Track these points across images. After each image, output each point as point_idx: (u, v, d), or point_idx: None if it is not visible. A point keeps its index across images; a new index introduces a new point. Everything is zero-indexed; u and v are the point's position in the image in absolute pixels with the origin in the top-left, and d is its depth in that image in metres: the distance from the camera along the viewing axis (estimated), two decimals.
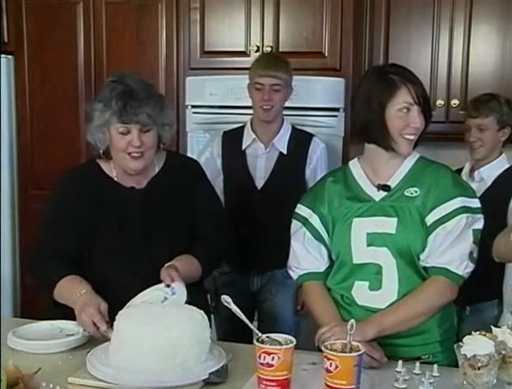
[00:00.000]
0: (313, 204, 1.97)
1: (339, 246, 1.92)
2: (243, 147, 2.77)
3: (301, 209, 2.00)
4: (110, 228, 2.09)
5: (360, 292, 1.88)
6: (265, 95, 2.67)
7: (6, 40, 3.77)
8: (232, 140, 2.82)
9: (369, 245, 1.87)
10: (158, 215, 2.12)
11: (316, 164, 2.74)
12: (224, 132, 2.88)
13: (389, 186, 1.88)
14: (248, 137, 2.77)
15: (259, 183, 2.74)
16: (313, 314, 1.97)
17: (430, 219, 1.83)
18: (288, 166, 2.72)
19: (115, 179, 2.14)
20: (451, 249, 1.82)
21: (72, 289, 1.94)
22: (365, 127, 1.87)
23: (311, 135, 2.80)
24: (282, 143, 2.74)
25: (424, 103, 1.84)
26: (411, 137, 1.84)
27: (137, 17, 3.56)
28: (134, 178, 2.14)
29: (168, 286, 1.92)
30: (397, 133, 1.83)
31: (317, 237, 1.96)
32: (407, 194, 1.86)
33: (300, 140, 2.77)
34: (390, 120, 1.83)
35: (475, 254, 1.85)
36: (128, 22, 3.58)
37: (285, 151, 2.73)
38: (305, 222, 1.98)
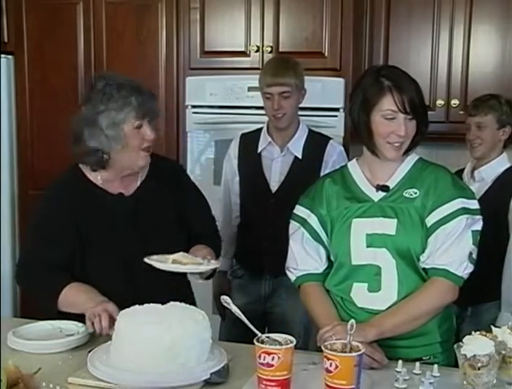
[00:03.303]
0: (312, 205, 1.97)
1: (338, 247, 1.92)
2: (259, 150, 2.74)
3: (300, 210, 2.00)
4: (102, 238, 2.06)
5: (359, 294, 1.88)
6: (275, 104, 2.62)
7: (6, 40, 3.77)
8: (248, 142, 2.79)
9: (368, 246, 1.86)
10: (151, 221, 2.10)
11: (332, 168, 2.67)
12: (242, 134, 2.85)
13: (388, 187, 1.88)
14: (264, 140, 2.75)
15: (274, 186, 2.71)
16: (311, 315, 1.96)
17: (430, 220, 1.83)
18: (302, 170, 2.67)
19: (100, 186, 2.10)
20: (451, 250, 1.82)
21: (80, 294, 1.94)
22: (355, 128, 1.89)
23: (328, 139, 2.75)
24: (297, 147, 2.70)
25: (414, 110, 1.80)
26: (397, 144, 1.83)
27: (137, 17, 3.56)
28: (123, 184, 2.11)
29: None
30: (381, 139, 1.83)
31: (316, 237, 1.96)
32: (407, 195, 1.86)
33: (316, 144, 2.72)
34: (375, 125, 1.83)
35: (474, 255, 1.85)
36: (128, 22, 3.58)
37: (300, 156, 2.69)
38: (303, 223, 1.97)
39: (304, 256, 1.97)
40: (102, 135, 1.99)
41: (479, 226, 1.86)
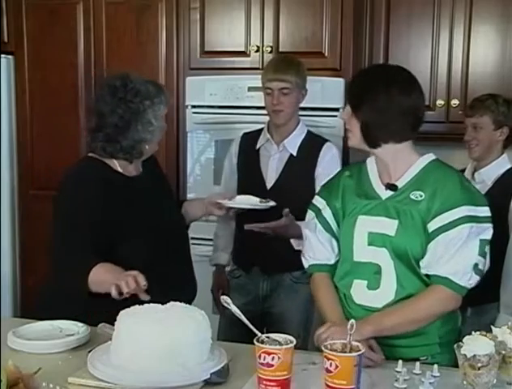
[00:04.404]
0: (328, 197, 2.00)
1: (343, 242, 1.94)
2: (257, 147, 2.78)
3: (317, 200, 2.03)
4: (133, 219, 2.16)
5: (359, 291, 1.89)
6: (274, 99, 2.65)
7: (6, 40, 3.78)
8: (249, 140, 2.83)
9: (369, 244, 1.87)
10: (162, 195, 2.31)
11: (325, 169, 2.67)
12: (244, 133, 2.89)
13: (396, 186, 1.87)
14: (263, 137, 2.78)
15: (269, 183, 2.73)
16: (318, 307, 2.00)
17: (432, 226, 1.80)
18: (296, 168, 2.70)
19: (120, 171, 2.22)
20: (454, 259, 1.78)
21: (108, 272, 1.99)
22: None
23: (325, 140, 2.77)
24: (293, 144, 2.72)
25: (351, 101, 1.89)
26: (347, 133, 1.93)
27: (137, 17, 3.56)
28: (136, 166, 2.27)
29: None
30: None
31: (328, 229, 1.98)
32: (413, 197, 1.84)
33: (313, 144, 2.74)
34: None
35: (480, 266, 1.80)
36: (128, 22, 3.58)
37: (295, 153, 2.71)
38: (317, 213, 2.00)
39: (318, 245, 2.01)
40: (152, 127, 2.19)
41: (487, 235, 1.81)
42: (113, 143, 2.17)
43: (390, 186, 1.88)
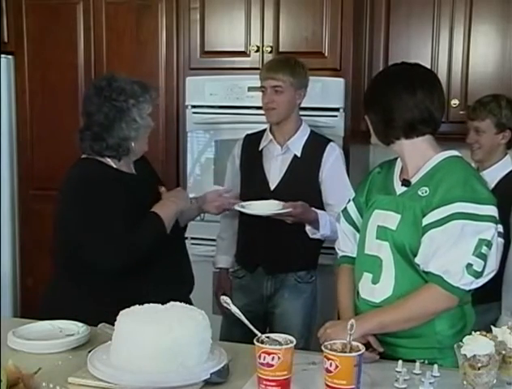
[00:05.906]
0: (357, 191, 2.07)
1: (360, 234, 1.99)
2: (260, 148, 2.78)
3: (352, 194, 2.12)
4: (138, 216, 2.18)
5: (365, 284, 1.91)
6: (265, 97, 2.68)
7: (6, 40, 3.77)
8: (252, 142, 2.84)
9: (377, 237, 1.89)
10: (155, 193, 2.30)
11: (330, 170, 2.70)
12: (247, 135, 2.89)
13: (409, 182, 1.88)
14: (266, 138, 2.79)
15: (272, 184, 2.73)
16: (337, 297, 2.05)
17: (425, 220, 1.80)
18: (301, 169, 2.71)
19: (118, 169, 2.25)
20: (445, 256, 1.75)
21: (167, 204, 2.25)
22: None
23: (328, 140, 2.78)
24: (297, 145, 2.73)
25: (364, 99, 1.97)
26: None
27: (137, 17, 3.56)
28: (128, 167, 2.29)
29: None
30: None
31: (350, 222, 2.04)
32: (420, 193, 1.84)
33: (317, 144, 2.75)
34: None
35: (476, 267, 1.74)
36: (128, 22, 3.58)
37: (299, 154, 2.72)
38: (346, 206, 2.08)
39: (343, 237, 2.08)
40: (136, 125, 2.22)
41: (488, 235, 1.75)
42: (99, 141, 2.21)
43: (405, 182, 1.90)
